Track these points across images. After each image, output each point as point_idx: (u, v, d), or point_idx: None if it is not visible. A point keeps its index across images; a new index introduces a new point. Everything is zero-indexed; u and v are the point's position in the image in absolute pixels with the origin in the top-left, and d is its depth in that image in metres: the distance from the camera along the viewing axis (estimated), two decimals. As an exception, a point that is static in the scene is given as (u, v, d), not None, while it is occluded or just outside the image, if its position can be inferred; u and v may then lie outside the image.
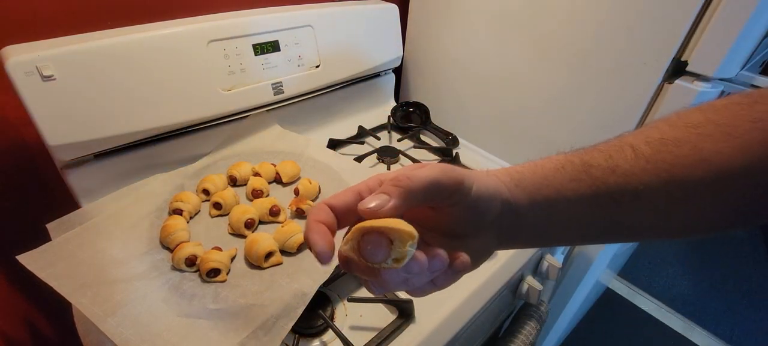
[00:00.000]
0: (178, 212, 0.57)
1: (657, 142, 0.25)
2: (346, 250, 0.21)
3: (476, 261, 0.27)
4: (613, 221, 0.26)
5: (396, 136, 0.89)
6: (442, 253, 0.22)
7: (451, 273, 0.23)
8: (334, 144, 0.82)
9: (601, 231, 0.28)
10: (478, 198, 0.25)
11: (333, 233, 0.24)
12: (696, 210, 0.25)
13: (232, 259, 0.52)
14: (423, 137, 0.92)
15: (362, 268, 0.23)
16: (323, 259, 0.22)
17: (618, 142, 0.27)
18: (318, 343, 0.48)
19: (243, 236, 0.55)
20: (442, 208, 0.25)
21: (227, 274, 0.50)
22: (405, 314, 0.50)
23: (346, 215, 0.24)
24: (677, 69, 0.62)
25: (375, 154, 0.79)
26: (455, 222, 0.25)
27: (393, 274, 0.21)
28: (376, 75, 0.95)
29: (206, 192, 0.62)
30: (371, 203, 0.22)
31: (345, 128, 0.88)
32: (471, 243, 0.26)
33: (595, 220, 0.27)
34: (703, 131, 0.24)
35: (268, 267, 0.51)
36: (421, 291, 0.25)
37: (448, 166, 0.24)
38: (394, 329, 0.48)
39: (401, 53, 0.94)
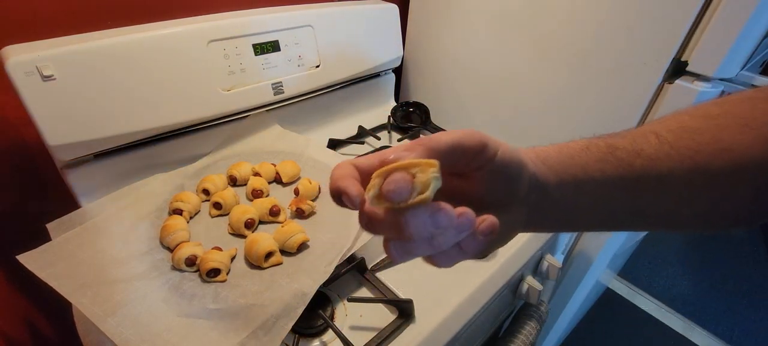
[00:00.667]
0: (178, 212, 0.57)
1: (679, 130, 0.25)
2: (369, 198, 0.21)
3: (502, 238, 0.27)
4: (638, 208, 0.27)
5: (396, 136, 0.89)
6: (469, 210, 0.21)
7: (481, 238, 0.22)
8: (334, 144, 0.82)
9: (626, 217, 0.28)
10: (506, 164, 0.24)
11: None
12: (716, 199, 0.25)
13: (232, 259, 0.52)
14: (423, 137, 0.92)
15: (387, 222, 0.22)
16: (357, 203, 0.21)
17: (640, 130, 0.27)
18: (318, 343, 0.48)
19: (243, 236, 0.55)
20: (469, 175, 0.25)
21: (227, 274, 0.50)
22: (405, 314, 0.50)
23: (368, 179, 0.23)
24: (677, 69, 0.62)
25: (375, 154, 0.79)
26: (485, 190, 0.25)
27: (420, 225, 0.20)
28: (376, 75, 0.95)
29: (206, 192, 0.62)
30: (393, 155, 0.22)
31: (345, 128, 0.88)
32: (500, 217, 0.25)
33: (621, 204, 0.27)
34: (722, 122, 0.25)
35: (268, 267, 0.51)
36: (449, 257, 0.23)
37: (470, 130, 0.23)
38: (394, 329, 0.48)
39: (401, 53, 0.94)
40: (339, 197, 0.22)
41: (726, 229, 0.27)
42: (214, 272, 0.49)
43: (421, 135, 0.91)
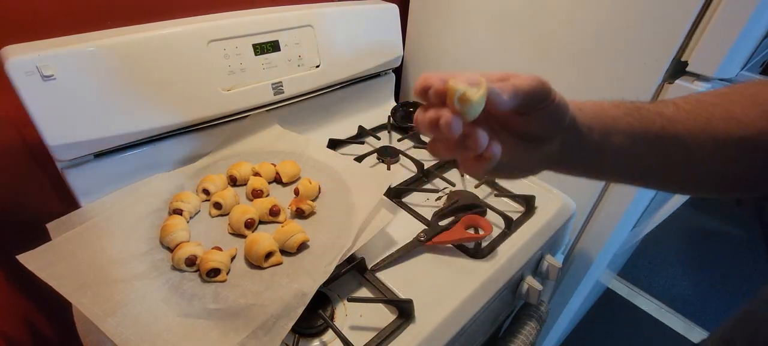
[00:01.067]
0: (178, 212, 0.57)
1: (694, 102, 0.31)
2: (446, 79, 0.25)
3: (534, 167, 0.32)
4: (659, 162, 0.31)
5: (396, 136, 0.89)
6: (480, 133, 0.26)
7: (482, 161, 0.27)
8: (334, 144, 0.82)
9: (648, 169, 0.32)
10: (560, 108, 0.28)
11: None
12: (727, 163, 0.30)
13: (232, 259, 0.52)
14: (423, 137, 0.92)
15: (423, 119, 0.26)
16: (436, 95, 0.25)
17: (659, 101, 0.32)
18: (318, 343, 0.48)
19: (243, 236, 0.55)
20: (528, 113, 0.28)
21: (227, 274, 0.50)
22: (405, 314, 0.50)
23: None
24: (677, 69, 0.62)
25: (375, 154, 0.79)
26: (535, 126, 0.29)
27: (427, 123, 0.26)
28: (376, 75, 0.95)
29: (206, 192, 0.62)
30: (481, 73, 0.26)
31: (345, 128, 0.88)
32: (542, 148, 0.31)
33: (645, 157, 0.31)
34: (733, 98, 0.30)
35: (268, 267, 0.51)
36: (466, 167, 0.30)
37: (541, 78, 0.27)
38: (394, 329, 0.48)
39: (401, 53, 0.94)
40: (425, 91, 0.26)
41: (743, 194, 0.32)
42: (214, 272, 0.49)
43: (420, 136, 0.91)
